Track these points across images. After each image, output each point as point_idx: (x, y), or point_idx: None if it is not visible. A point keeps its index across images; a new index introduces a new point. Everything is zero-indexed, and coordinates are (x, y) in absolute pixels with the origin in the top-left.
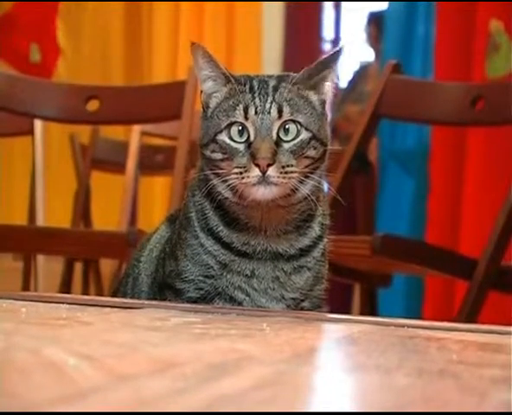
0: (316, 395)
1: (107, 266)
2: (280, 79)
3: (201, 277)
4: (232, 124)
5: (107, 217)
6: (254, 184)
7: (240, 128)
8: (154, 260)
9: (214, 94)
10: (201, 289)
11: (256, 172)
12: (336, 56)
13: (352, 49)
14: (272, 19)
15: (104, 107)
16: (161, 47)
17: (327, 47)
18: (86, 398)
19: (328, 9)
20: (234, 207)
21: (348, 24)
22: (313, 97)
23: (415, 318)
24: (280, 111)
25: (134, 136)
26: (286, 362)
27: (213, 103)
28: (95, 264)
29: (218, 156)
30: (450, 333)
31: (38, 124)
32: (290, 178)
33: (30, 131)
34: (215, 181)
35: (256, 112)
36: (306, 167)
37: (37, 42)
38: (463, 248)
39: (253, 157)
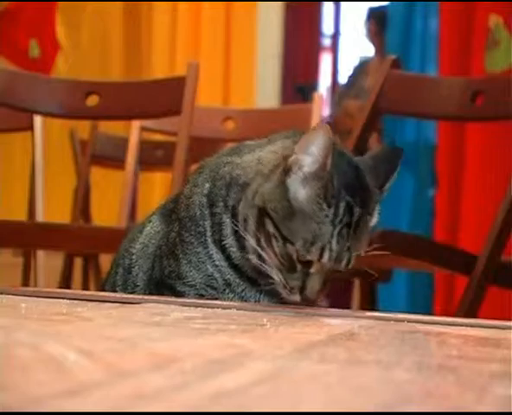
0: (316, 390)
1: (107, 262)
2: (372, 194)
3: (203, 285)
4: (302, 255)
5: (107, 212)
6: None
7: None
8: (151, 256)
9: (307, 181)
10: (202, 296)
11: (292, 298)
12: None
13: (352, 44)
14: (272, 15)
15: (103, 103)
16: (160, 42)
17: (326, 42)
18: (87, 393)
19: (327, 4)
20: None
21: (348, 19)
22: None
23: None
24: (349, 261)
25: (134, 131)
26: (286, 357)
27: (301, 192)
28: (95, 259)
29: (274, 247)
30: (449, 328)
31: (37, 120)
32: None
33: (30, 127)
34: (253, 243)
35: (329, 258)
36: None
37: (36, 38)
38: (462, 243)
39: (300, 291)
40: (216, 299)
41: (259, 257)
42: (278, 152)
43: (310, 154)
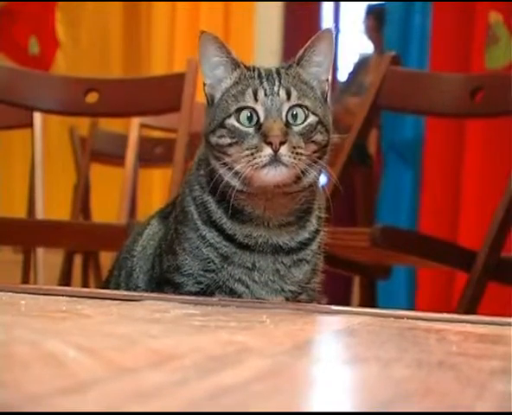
0: (315, 387)
1: (107, 259)
2: (284, 66)
3: (200, 272)
4: (241, 108)
5: (106, 209)
6: (265, 165)
7: (249, 113)
8: (150, 257)
9: (224, 80)
10: (201, 282)
11: (268, 151)
12: (325, 38)
13: (351, 41)
14: (271, 11)
15: (103, 99)
16: (159, 39)
17: None
18: (87, 389)
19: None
20: (239, 196)
21: (348, 16)
22: (314, 83)
23: (415, 310)
24: (289, 94)
25: (133, 128)
26: (286, 354)
27: (221, 88)
28: (95, 256)
29: (226, 141)
30: (449, 324)
31: (37, 117)
32: (299, 160)
33: (30, 124)
34: (221, 170)
35: (266, 95)
36: (313, 153)
37: (36, 35)
38: (462, 240)
39: (265, 137)
40: (215, 282)
41: (237, 175)
42: None
43: (217, 64)
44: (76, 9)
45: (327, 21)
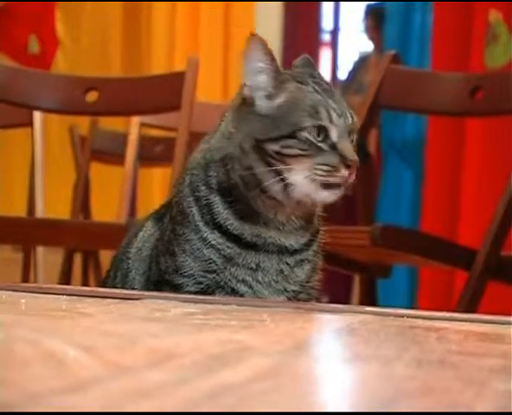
0: (315, 386)
1: (107, 257)
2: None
3: (201, 272)
4: (316, 125)
5: (106, 208)
6: (332, 185)
7: (324, 131)
8: (146, 259)
9: (271, 90)
10: (201, 283)
11: (345, 173)
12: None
13: (351, 40)
14: (271, 10)
15: (103, 98)
16: (159, 38)
17: (326, 38)
18: (87, 388)
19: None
20: (263, 200)
21: (348, 15)
22: None
23: (415, 309)
24: (352, 116)
25: (133, 127)
26: (286, 353)
27: (274, 99)
28: (95, 255)
29: (294, 151)
30: (449, 323)
31: (37, 116)
32: None
33: (29, 123)
34: (267, 175)
35: (338, 115)
36: None
37: (36, 34)
38: (462, 239)
39: (343, 158)
40: (216, 283)
41: (285, 186)
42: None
43: (261, 71)
44: (76, 9)
45: (327, 21)
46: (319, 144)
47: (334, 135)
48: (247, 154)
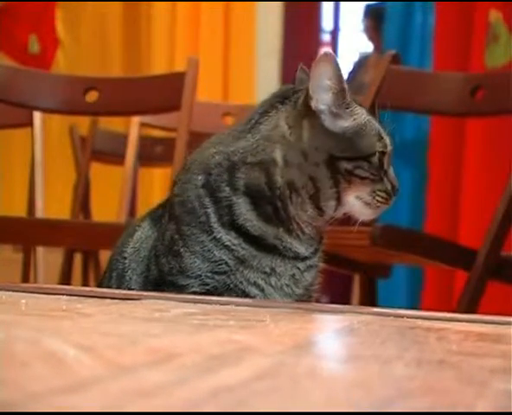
0: (315, 386)
1: (107, 257)
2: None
3: (208, 273)
4: (382, 152)
5: (106, 208)
6: (377, 208)
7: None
8: (144, 260)
9: (335, 109)
10: (207, 284)
11: (391, 201)
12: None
13: (351, 41)
14: (271, 10)
15: (103, 98)
16: (160, 38)
17: (326, 38)
18: (87, 388)
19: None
20: (305, 210)
21: (348, 15)
22: None
23: (415, 309)
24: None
25: (133, 127)
26: (286, 353)
27: (340, 119)
28: (95, 255)
29: (364, 174)
30: (449, 323)
31: (37, 116)
32: None
33: (29, 123)
34: (328, 190)
35: (390, 143)
36: None
37: (36, 33)
38: (462, 239)
39: (393, 187)
40: (225, 284)
41: (338, 200)
42: (276, 116)
43: (327, 89)
44: (76, 8)
45: (327, 21)
46: (379, 171)
47: (386, 162)
48: (317, 165)
